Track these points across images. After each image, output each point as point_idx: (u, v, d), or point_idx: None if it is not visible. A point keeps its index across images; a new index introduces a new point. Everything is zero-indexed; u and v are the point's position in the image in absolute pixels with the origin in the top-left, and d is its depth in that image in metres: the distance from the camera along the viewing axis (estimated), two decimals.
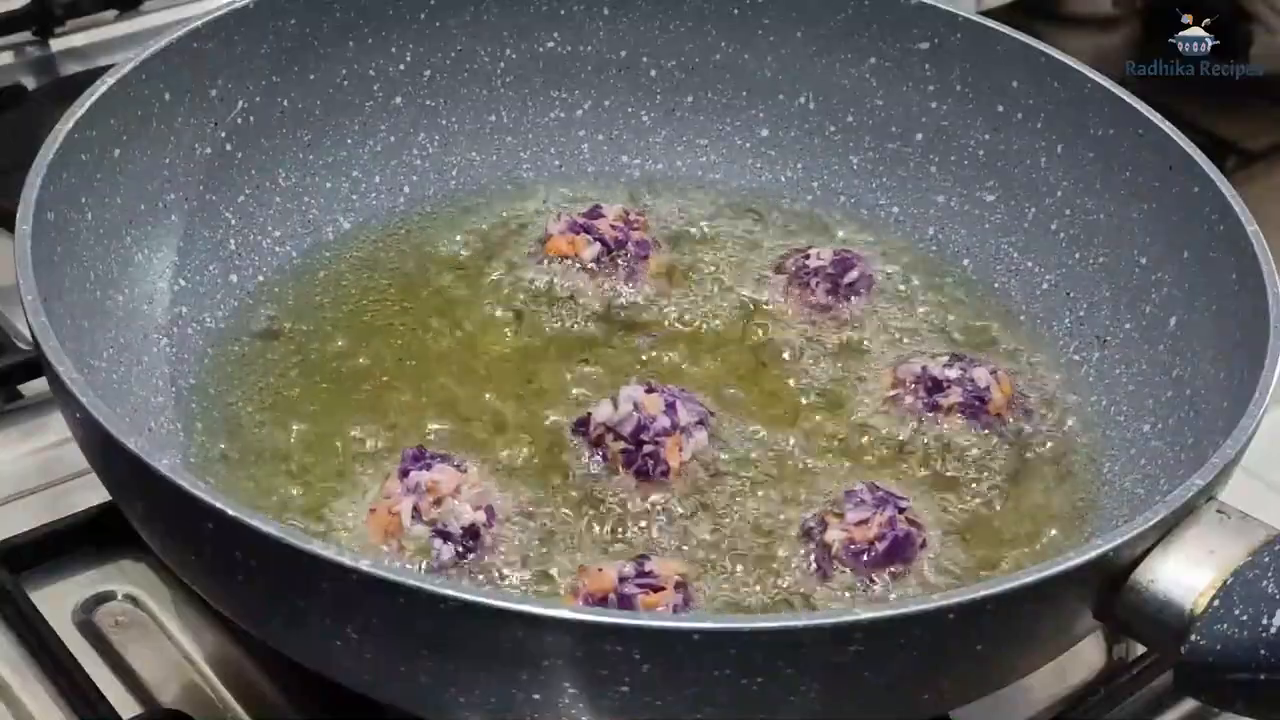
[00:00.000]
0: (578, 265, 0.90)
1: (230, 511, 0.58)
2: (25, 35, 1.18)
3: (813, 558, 0.74)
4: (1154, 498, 0.75)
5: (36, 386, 0.90)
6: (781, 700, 0.59)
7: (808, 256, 0.91)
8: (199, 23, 0.85)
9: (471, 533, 0.72)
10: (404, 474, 0.73)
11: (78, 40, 1.19)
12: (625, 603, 0.68)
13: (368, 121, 0.94)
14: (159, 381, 0.80)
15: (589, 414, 0.79)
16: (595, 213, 0.91)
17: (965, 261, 0.95)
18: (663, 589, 0.69)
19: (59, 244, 0.74)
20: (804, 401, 0.84)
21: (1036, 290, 0.92)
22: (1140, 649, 0.81)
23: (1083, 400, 0.86)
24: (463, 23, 0.95)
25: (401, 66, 0.94)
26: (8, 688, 0.75)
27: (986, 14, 0.96)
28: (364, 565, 0.56)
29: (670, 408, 0.78)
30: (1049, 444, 0.83)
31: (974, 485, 0.80)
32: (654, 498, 0.77)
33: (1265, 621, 0.59)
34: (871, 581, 0.73)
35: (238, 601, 0.67)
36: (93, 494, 0.80)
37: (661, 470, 0.77)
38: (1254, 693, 0.60)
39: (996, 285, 0.93)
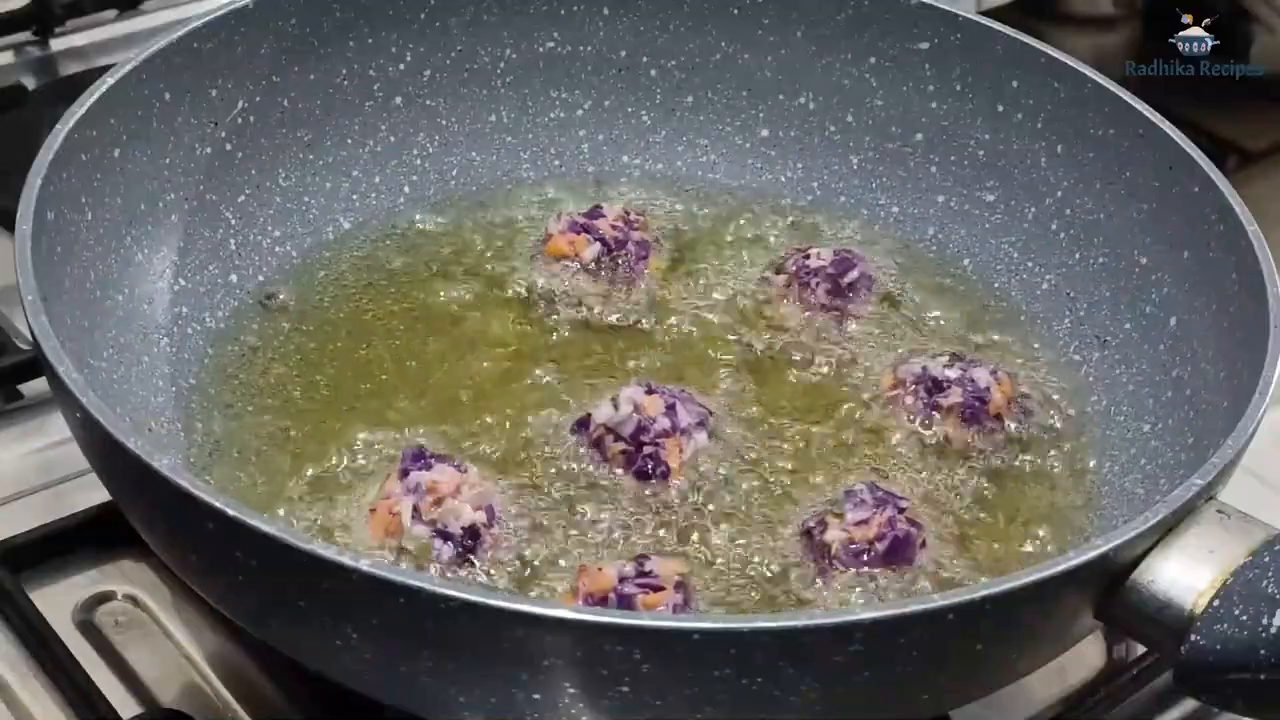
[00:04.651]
0: (578, 265, 0.90)
1: (230, 511, 0.58)
2: (25, 35, 1.18)
3: (813, 558, 0.74)
4: (1154, 498, 0.75)
5: (36, 386, 0.90)
6: (781, 700, 0.59)
7: (808, 256, 0.91)
8: (199, 23, 0.85)
9: (472, 533, 0.72)
10: (404, 474, 0.73)
11: (78, 40, 1.19)
12: (625, 602, 0.68)
13: (368, 121, 0.94)
14: (159, 381, 0.80)
15: (589, 414, 0.79)
16: (595, 213, 0.91)
17: (965, 261, 0.95)
18: (663, 589, 0.69)
19: (59, 244, 0.74)
20: (804, 402, 0.84)
21: (1036, 290, 0.92)
22: (1140, 649, 0.81)
23: (1083, 400, 0.86)
24: (463, 23, 0.95)
25: (401, 66, 0.94)
26: (8, 688, 0.75)
27: (986, 14, 0.96)
28: (364, 565, 0.56)
29: (670, 409, 0.78)
30: (1049, 444, 0.83)
31: (974, 485, 0.80)
32: (654, 498, 0.77)
33: (1265, 621, 0.59)
34: (871, 581, 0.73)
35: (238, 601, 0.67)
36: (93, 494, 0.80)
37: (661, 471, 0.77)
38: (1254, 693, 0.60)
39: (996, 285, 0.93)
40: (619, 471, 0.77)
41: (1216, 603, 0.61)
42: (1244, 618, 0.60)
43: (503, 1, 0.95)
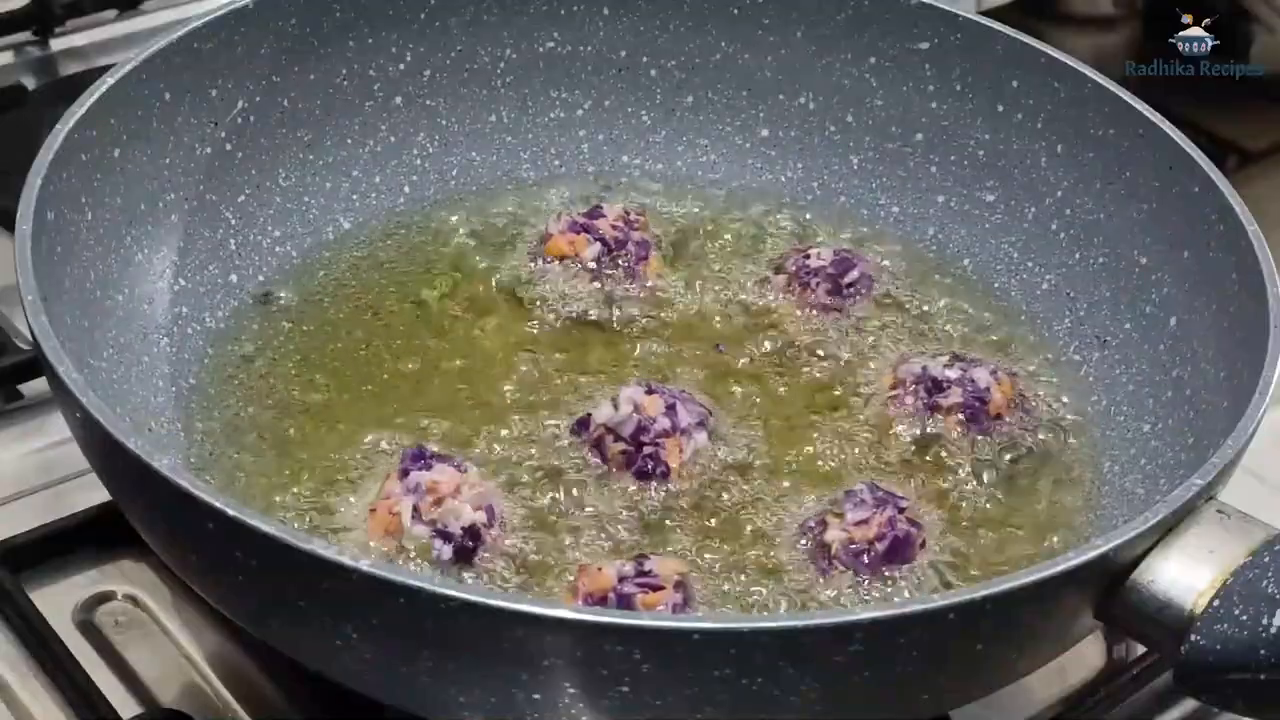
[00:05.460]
0: (578, 265, 0.90)
1: (230, 511, 0.58)
2: (25, 35, 1.18)
3: (813, 558, 0.74)
4: (1154, 498, 0.75)
5: (36, 386, 0.90)
6: (781, 700, 0.59)
7: (808, 256, 0.91)
8: (199, 23, 0.85)
9: (472, 533, 0.72)
10: (404, 474, 0.73)
11: (78, 40, 1.19)
12: (624, 602, 0.68)
13: (368, 121, 0.94)
14: (159, 381, 0.80)
15: (589, 415, 0.79)
16: (595, 213, 0.91)
17: (965, 261, 0.95)
18: (662, 588, 0.69)
19: (59, 244, 0.74)
20: (804, 402, 0.84)
21: (1036, 290, 0.92)
22: (1140, 649, 0.81)
23: (1083, 400, 0.86)
24: (463, 23, 0.95)
25: (401, 66, 0.94)
26: (8, 687, 0.75)
27: (986, 14, 0.96)
28: (364, 565, 0.56)
29: (670, 409, 0.78)
30: (1049, 444, 0.83)
31: (974, 485, 0.80)
32: (654, 498, 0.77)
33: (1265, 621, 0.59)
34: (871, 581, 0.73)
35: (238, 601, 0.67)
36: (93, 494, 0.80)
37: (661, 471, 0.77)
38: (1254, 693, 0.60)
39: (996, 285, 0.93)
40: (619, 472, 0.77)
41: (1216, 603, 0.61)
42: (1244, 618, 0.60)
43: (503, 1, 0.95)
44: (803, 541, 0.75)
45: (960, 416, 0.82)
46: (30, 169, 0.73)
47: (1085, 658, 0.81)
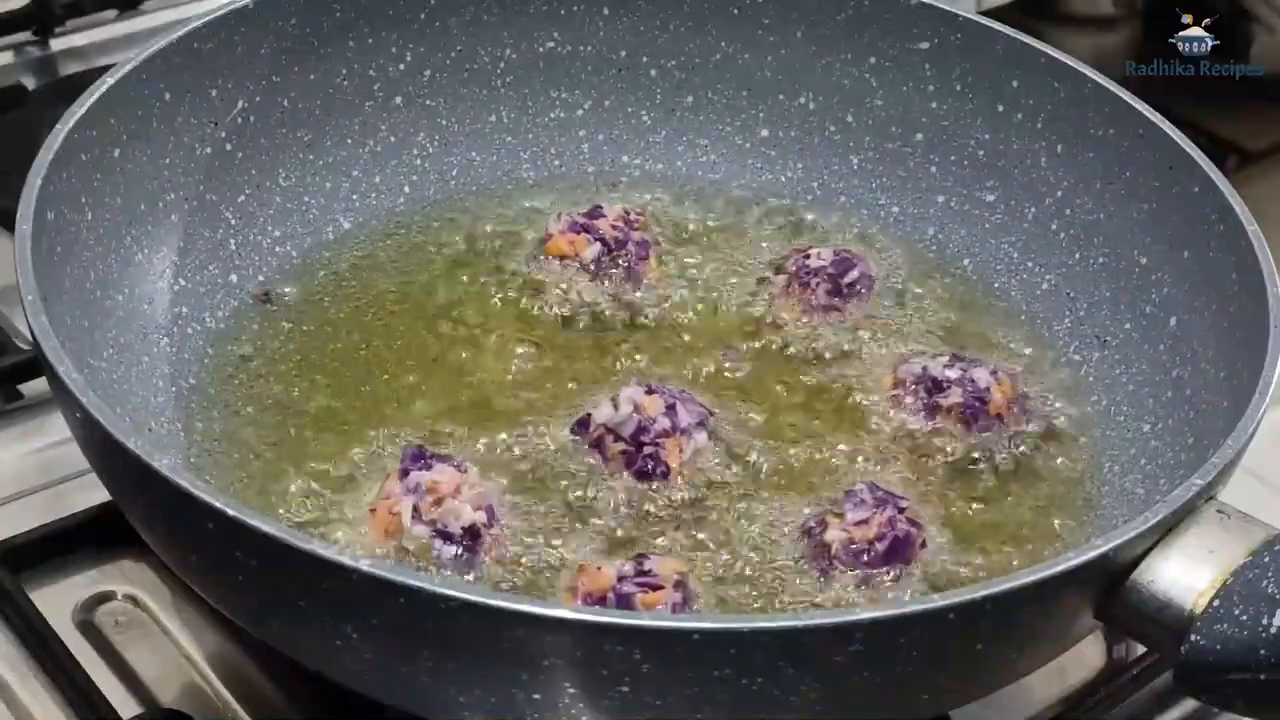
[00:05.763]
0: (578, 265, 0.90)
1: (230, 511, 0.58)
2: (25, 35, 1.18)
3: (813, 558, 0.74)
4: (1154, 498, 0.75)
5: (36, 386, 0.90)
6: (781, 700, 0.59)
7: (808, 256, 0.91)
8: (199, 23, 0.85)
9: (472, 533, 0.72)
10: (404, 474, 0.73)
11: (78, 40, 1.19)
12: (623, 601, 0.68)
13: (368, 121, 0.94)
14: (159, 381, 0.80)
15: (589, 414, 0.79)
16: (595, 213, 0.91)
17: (965, 261, 0.95)
18: (662, 588, 0.69)
19: (59, 244, 0.74)
20: (804, 401, 0.84)
21: (1036, 290, 0.92)
22: (1140, 649, 0.81)
23: (1083, 400, 0.86)
24: (463, 23, 0.95)
25: (401, 66, 0.94)
26: (8, 687, 0.75)
27: (986, 14, 0.96)
28: (364, 565, 0.56)
29: (670, 409, 0.78)
30: (1049, 444, 0.83)
31: (974, 485, 0.80)
32: (654, 498, 0.76)
33: (1265, 621, 0.59)
34: (871, 581, 0.73)
35: (238, 601, 0.67)
36: (93, 494, 0.80)
37: (661, 471, 0.77)
38: (1254, 693, 0.60)
39: (996, 285, 0.93)
40: (619, 471, 0.77)
41: (1216, 603, 0.61)
42: (1244, 618, 0.60)
43: (503, 1, 0.95)
44: (803, 541, 0.75)
45: (960, 416, 0.82)
46: (30, 169, 0.73)
47: (1085, 658, 0.81)
